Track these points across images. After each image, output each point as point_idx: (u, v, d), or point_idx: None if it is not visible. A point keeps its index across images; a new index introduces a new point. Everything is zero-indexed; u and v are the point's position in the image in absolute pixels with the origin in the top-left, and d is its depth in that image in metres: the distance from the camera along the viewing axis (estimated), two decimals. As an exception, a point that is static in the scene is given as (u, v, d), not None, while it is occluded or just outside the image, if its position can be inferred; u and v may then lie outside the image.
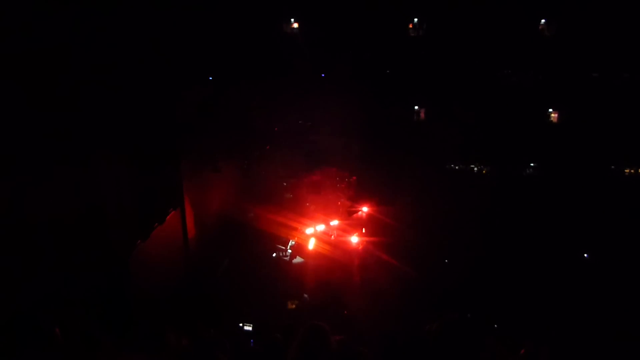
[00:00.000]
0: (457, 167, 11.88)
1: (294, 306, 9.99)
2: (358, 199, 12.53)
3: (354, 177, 12.84)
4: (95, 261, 6.12)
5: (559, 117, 10.50)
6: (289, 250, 11.86)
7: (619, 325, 6.17)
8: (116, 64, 6.84)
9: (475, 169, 11.45)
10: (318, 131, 12.45)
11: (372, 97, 11.03)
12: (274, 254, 11.99)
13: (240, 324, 8.60)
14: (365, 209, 12.55)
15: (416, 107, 11.74)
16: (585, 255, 8.92)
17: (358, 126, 11.44)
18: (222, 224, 11.39)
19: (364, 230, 12.20)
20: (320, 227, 12.18)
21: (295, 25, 10.28)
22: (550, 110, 10.52)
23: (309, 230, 12.13)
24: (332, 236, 11.97)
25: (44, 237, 5.65)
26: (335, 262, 11.37)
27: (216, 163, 10.74)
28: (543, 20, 9.31)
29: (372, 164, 12.14)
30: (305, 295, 10.62)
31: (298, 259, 11.87)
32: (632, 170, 9.49)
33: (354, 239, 12.05)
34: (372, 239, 11.77)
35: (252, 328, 8.52)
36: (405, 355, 4.38)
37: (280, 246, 11.93)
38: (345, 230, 12.20)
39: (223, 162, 10.94)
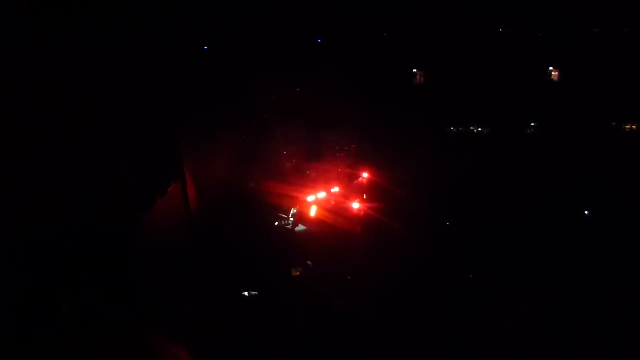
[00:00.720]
0: (456, 130, 11.86)
1: (297, 273, 9.91)
2: (358, 166, 12.31)
3: (354, 145, 12.61)
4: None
5: (559, 75, 10.62)
6: (291, 219, 11.58)
7: (619, 285, 6.01)
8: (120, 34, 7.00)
9: (475, 130, 11.34)
10: (317, 98, 12.04)
11: (370, 61, 11.07)
12: (277, 223, 11.77)
13: (245, 292, 8.63)
14: (365, 174, 12.31)
15: (414, 70, 11.76)
16: (587, 212, 8.96)
17: (357, 92, 11.34)
18: (224, 195, 11.09)
19: (364, 197, 11.97)
20: (321, 195, 11.89)
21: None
22: (551, 68, 10.60)
23: (310, 198, 11.84)
24: (332, 201, 11.75)
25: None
26: (337, 229, 11.18)
27: (215, 133, 10.69)
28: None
29: (372, 130, 12.07)
30: (309, 262, 10.47)
31: (300, 227, 11.65)
32: (634, 126, 9.55)
33: (355, 205, 11.83)
34: (372, 204, 11.56)
35: (257, 295, 8.58)
36: (405, 315, 4.47)
37: (282, 214, 11.69)
38: (346, 197, 11.96)
39: (222, 132, 10.88)
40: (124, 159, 7.43)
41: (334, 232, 10.99)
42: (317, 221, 11.38)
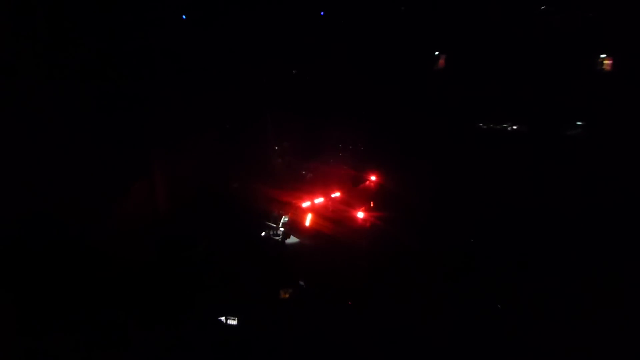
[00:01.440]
0: (487, 127, 10.77)
1: (287, 295, 9.52)
2: (365, 167, 11.72)
3: (360, 143, 12.03)
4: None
5: (613, 65, 9.22)
6: (282, 229, 10.84)
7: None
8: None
9: (510, 128, 10.26)
10: (318, 85, 11.39)
11: (382, 40, 10.27)
12: (264, 233, 11.04)
13: (223, 318, 8.45)
14: (373, 178, 11.71)
15: (436, 53, 10.77)
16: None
17: (366, 78, 10.76)
18: (202, 197, 10.51)
19: (372, 205, 11.39)
20: (319, 201, 11.29)
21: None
22: (603, 56, 9.35)
23: (306, 204, 11.16)
24: (332, 209, 11.25)
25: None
26: (337, 242, 10.62)
27: (194, 123, 10.15)
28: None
29: (383, 125, 11.31)
30: (302, 283, 10.02)
31: (292, 239, 11.01)
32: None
33: (360, 215, 11.16)
34: (381, 214, 11.00)
35: (237, 322, 8.44)
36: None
37: (271, 223, 11.01)
38: (349, 204, 11.35)
39: (203, 123, 10.36)
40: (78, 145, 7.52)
41: (333, 246, 10.48)
42: (313, 232, 10.87)
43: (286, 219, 10.93)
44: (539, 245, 7.97)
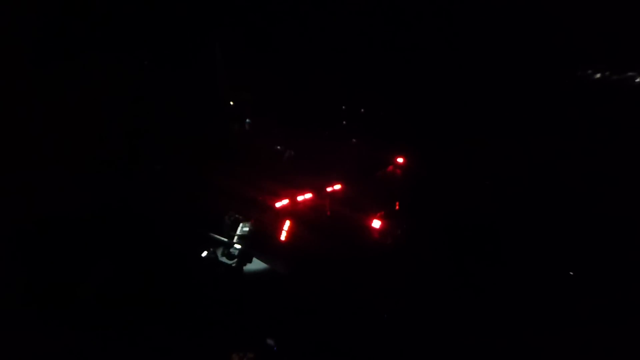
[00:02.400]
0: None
1: None
2: (387, 144, 10.10)
3: (380, 104, 10.29)
4: None
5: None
6: (238, 246, 8.70)
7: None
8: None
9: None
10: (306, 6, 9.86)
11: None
12: (206, 253, 8.75)
13: None
14: (400, 160, 9.83)
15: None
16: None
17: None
18: (95, 187, 8.68)
19: (397, 206, 9.47)
20: (305, 198, 9.60)
21: None
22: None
23: (282, 203, 9.42)
24: (328, 212, 9.50)
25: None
26: (332, 272, 8.65)
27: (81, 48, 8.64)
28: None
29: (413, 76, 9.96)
30: (270, 342, 8.06)
31: (255, 264, 8.93)
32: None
33: (376, 225, 9.02)
34: (413, 224, 9.19)
35: None
36: None
37: (218, 236, 8.82)
38: (357, 205, 9.38)
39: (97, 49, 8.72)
40: None
41: (325, 279, 8.67)
42: (292, 253, 9.14)
43: (246, 229, 8.95)
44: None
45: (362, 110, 10.17)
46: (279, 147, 9.89)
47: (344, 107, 10.13)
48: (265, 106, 10.17)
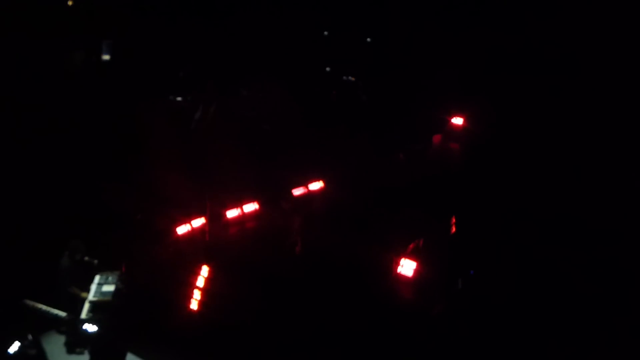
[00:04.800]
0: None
1: None
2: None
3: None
4: None
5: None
6: (87, 314, 5.03)
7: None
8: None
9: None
10: None
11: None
12: (14, 348, 4.92)
13: None
14: (458, 121, 6.95)
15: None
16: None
17: None
18: None
19: (454, 228, 6.07)
20: (247, 210, 6.21)
21: None
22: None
23: (186, 228, 5.89)
24: (297, 247, 6.11)
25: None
26: None
27: None
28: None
29: None
30: None
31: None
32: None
33: (408, 269, 5.51)
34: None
35: None
36: None
37: (44, 308, 5.16)
38: (366, 221, 6.02)
39: None
40: None
41: None
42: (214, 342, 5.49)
43: (108, 288, 5.26)
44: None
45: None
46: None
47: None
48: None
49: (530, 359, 5.88)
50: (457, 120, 7.04)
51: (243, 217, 6.23)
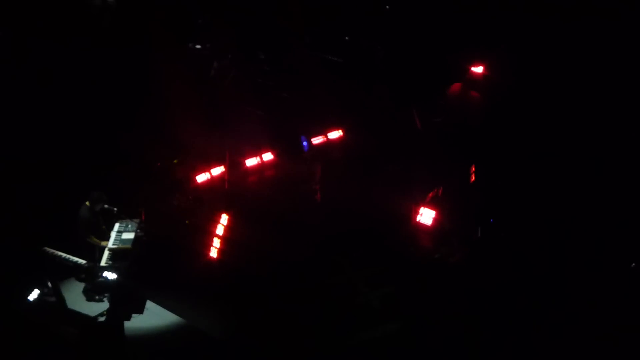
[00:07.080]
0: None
1: None
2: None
3: None
4: None
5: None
6: (107, 275, 5.17)
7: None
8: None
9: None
10: None
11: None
12: (34, 295, 5.17)
13: None
14: (479, 70, 6.88)
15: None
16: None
17: None
18: None
19: (473, 178, 6.26)
20: (265, 159, 6.20)
21: None
22: None
23: (207, 176, 5.88)
24: (316, 195, 6.45)
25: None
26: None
27: None
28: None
29: None
30: None
31: (152, 317, 5.39)
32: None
33: (427, 217, 5.73)
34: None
35: None
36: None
37: (64, 255, 5.35)
38: (384, 172, 6.19)
39: None
40: None
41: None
42: (236, 287, 5.68)
43: (128, 236, 5.41)
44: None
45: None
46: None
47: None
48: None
49: (544, 310, 5.67)
50: (478, 69, 6.67)
51: (262, 166, 6.28)
